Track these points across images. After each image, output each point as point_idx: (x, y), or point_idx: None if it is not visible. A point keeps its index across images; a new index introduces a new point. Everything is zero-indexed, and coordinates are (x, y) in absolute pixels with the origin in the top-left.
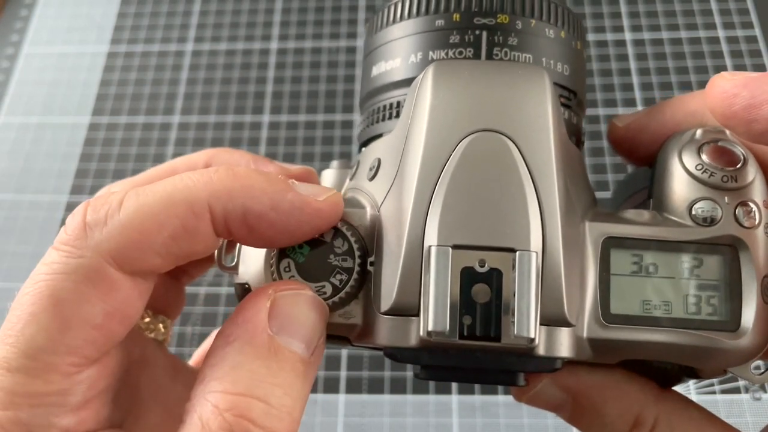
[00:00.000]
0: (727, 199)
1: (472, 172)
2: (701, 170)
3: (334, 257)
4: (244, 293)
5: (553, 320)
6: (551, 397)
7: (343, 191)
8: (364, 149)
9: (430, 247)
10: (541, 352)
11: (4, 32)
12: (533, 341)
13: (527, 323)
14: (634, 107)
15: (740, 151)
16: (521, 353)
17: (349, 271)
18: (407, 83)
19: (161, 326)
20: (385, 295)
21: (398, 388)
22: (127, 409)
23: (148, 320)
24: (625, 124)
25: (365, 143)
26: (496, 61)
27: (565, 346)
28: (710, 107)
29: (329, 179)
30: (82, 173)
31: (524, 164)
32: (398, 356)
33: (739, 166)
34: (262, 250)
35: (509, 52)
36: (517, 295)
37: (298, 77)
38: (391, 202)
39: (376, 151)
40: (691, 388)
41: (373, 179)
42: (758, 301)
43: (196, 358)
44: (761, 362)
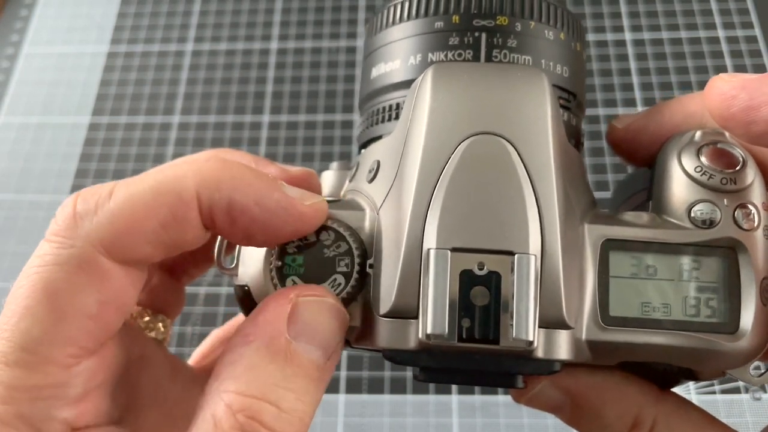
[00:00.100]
0: (726, 201)
1: (471, 174)
2: (700, 172)
3: (328, 250)
4: (243, 295)
5: (551, 323)
6: (550, 398)
7: (342, 193)
8: (363, 151)
9: (429, 249)
10: (539, 354)
11: (4, 32)
12: (532, 344)
13: (526, 326)
14: (634, 107)
15: (739, 153)
16: (520, 356)
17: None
18: (407, 85)
19: (161, 325)
20: (384, 297)
21: (398, 388)
22: (126, 406)
23: (147, 319)
24: (624, 125)
25: (365, 145)
26: (495, 63)
27: (563, 348)
28: (709, 109)
29: (329, 181)
30: (82, 173)
31: (523, 167)
32: (397, 358)
33: (738, 168)
34: (261, 251)
35: (508, 53)
36: (515, 297)
37: (298, 77)
38: (390, 204)
39: (375, 152)
40: (691, 388)
41: (372, 181)
42: (757, 303)
43: (195, 357)
44: (761, 363)
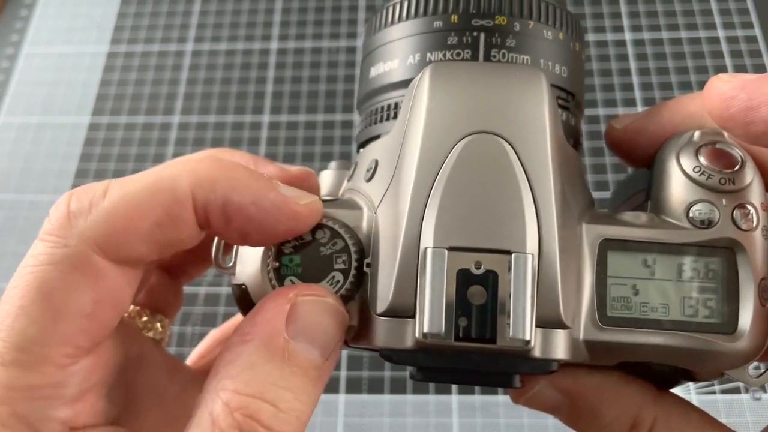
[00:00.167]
0: (724, 201)
1: (468, 173)
2: (699, 172)
3: (324, 249)
4: (241, 294)
5: (549, 322)
6: (548, 399)
7: (340, 192)
8: (362, 150)
9: (426, 248)
10: (536, 354)
11: (4, 32)
12: (529, 343)
13: (523, 325)
14: (634, 107)
15: (738, 153)
16: (517, 355)
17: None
18: (405, 84)
19: (159, 325)
20: (381, 296)
21: (398, 388)
22: (123, 406)
23: (145, 319)
24: (622, 125)
25: (363, 144)
26: (493, 62)
27: (560, 348)
28: (708, 109)
29: (327, 180)
30: (82, 173)
31: (521, 166)
32: (394, 358)
33: (736, 168)
34: (258, 250)
35: (507, 53)
36: (512, 297)
37: (298, 77)
38: (387, 203)
39: (373, 152)
40: (691, 388)
41: (370, 180)
42: (755, 303)
43: (193, 358)
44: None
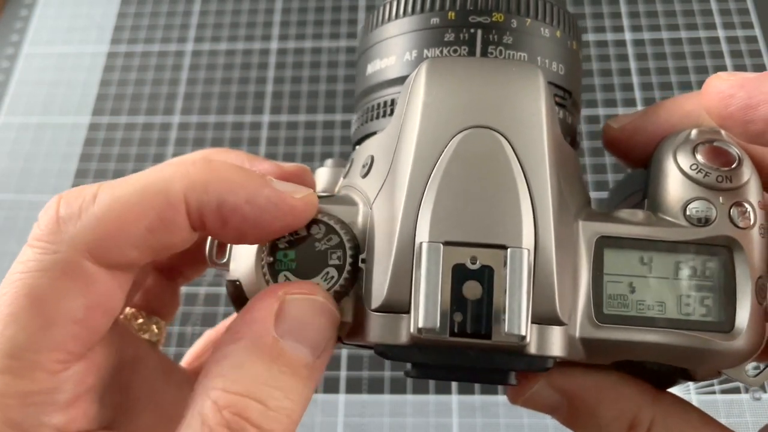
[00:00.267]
0: (721, 199)
1: (464, 168)
2: (696, 170)
3: (319, 244)
4: (235, 290)
5: (544, 318)
6: (546, 399)
7: (336, 189)
8: (357, 147)
9: (421, 243)
10: (532, 350)
11: (4, 32)
12: (524, 339)
13: (518, 321)
14: (634, 107)
15: (735, 151)
16: (512, 351)
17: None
18: (402, 81)
19: (155, 327)
20: (375, 292)
21: (398, 388)
22: (118, 409)
23: (141, 321)
24: (620, 125)
25: (359, 141)
26: (490, 58)
27: (556, 345)
28: (706, 108)
29: (323, 177)
30: (82, 173)
31: (517, 161)
32: (389, 354)
33: (734, 166)
34: (253, 247)
35: (504, 50)
36: (508, 292)
37: (298, 77)
38: (383, 198)
39: (369, 148)
40: (690, 388)
41: (366, 176)
42: (752, 302)
43: (188, 359)
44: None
